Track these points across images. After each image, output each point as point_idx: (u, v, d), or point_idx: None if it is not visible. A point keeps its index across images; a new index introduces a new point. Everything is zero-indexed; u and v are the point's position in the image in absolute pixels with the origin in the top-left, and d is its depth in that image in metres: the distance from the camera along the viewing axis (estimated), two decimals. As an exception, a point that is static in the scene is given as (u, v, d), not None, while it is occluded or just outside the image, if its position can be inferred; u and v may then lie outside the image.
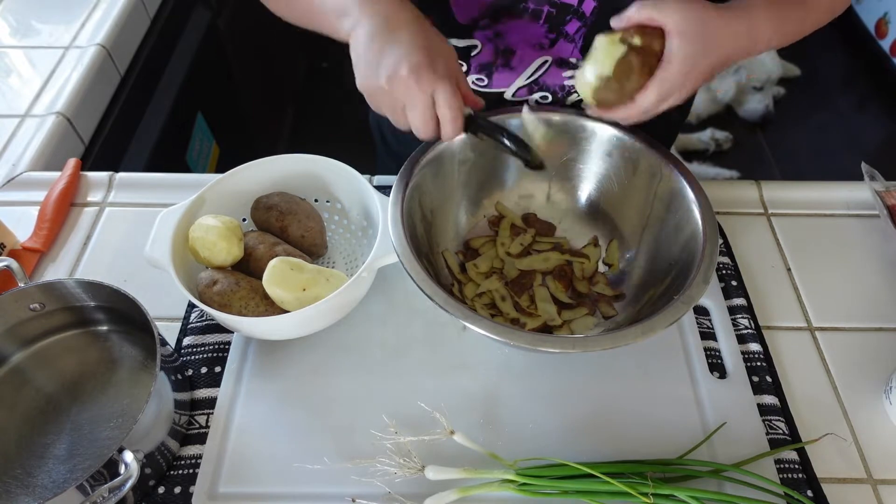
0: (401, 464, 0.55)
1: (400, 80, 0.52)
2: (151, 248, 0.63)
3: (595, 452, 0.59)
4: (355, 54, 0.55)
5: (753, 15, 0.58)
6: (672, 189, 0.65)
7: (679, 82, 0.55)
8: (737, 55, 0.57)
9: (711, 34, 0.55)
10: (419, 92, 0.52)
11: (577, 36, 0.68)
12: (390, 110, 0.55)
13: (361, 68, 0.54)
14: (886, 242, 0.76)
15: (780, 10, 0.60)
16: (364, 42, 0.54)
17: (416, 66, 0.51)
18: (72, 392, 0.61)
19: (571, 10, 0.66)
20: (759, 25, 0.58)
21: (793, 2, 0.61)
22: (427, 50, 0.52)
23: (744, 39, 0.57)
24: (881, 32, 2.28)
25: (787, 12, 0.60)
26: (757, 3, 0.59)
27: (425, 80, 0.52)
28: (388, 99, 0.54)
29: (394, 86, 0.52)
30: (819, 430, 0.61)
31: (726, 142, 2.11)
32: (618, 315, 0.68)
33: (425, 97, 0.52)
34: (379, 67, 0.52)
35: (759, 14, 0.58)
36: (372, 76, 0.53)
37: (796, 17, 0.62)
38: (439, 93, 0.52)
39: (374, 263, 0.61)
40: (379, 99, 0.55)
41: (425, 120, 0.54)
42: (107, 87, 1.04)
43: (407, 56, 0.51)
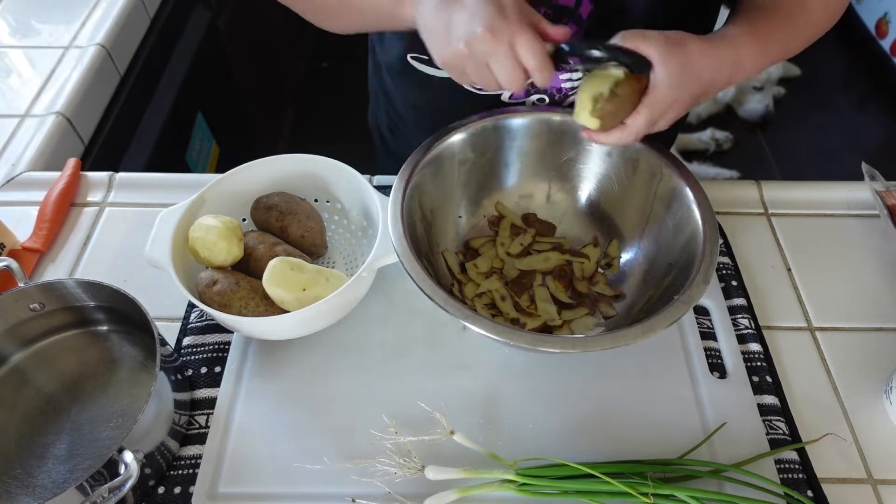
0: (401, 464, 0.55)
1: (477, 39, 0.51)
2: (151, 248, 0.63)
3: (595, 452, 0.59)
4: (426, 32, 0.54)
5: (737, 44, 0.59)
6: (672, 189, 0.65)
7: (665, 107, 0.56)
8: (721, 83, 0.58)
9: (695, 64, 0.55)
10: (499, 45, 0.51)
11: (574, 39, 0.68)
12: (476, 73, 0.54)
13: (437, 42, 0.54)
14: (886, 242, 0.76)
15: (763, 38, 0.61)
16: (431, 16, 0.53)
17: (489, 19, 0.50)
18: (72, 392, 0.61)
19: (568, 13, 0.65)
20: (743, 53, 0.59)
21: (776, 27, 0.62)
22: (493, 1, 0.52)
23: (727, 68, 0.58)
24: (881, 32, 2.28)
25: (771, 39, 0.61)
26: (740, 32, 0.60)
27: (501, 32, 0.51)
28: (471, 63, 0.53)
29: (473, 47, 0.52)
30: (819, 430, 0.61)
31: (726, 142, 2.11)
32: (618, 315, 0.68)
33: (506, 48, 0.51)
34: (453, 34, 0.52)
35: (742, 42, 0.59)
36: (449, 45, 0.53)
37: (780, 41, 0.63)
38: (519, 43, 0.51)
39: (374, 263, 0.61)
40: (463, 65, 0.54)
41: (512, 73, 0.53)
42: (107, 87, 1.04)
43: (477, 13, 0.51)
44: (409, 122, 0.88)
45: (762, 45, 0.60)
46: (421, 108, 0.84)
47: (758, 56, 0.60)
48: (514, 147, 0.72)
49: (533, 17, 0.54)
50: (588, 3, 0.64)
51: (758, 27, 0.61)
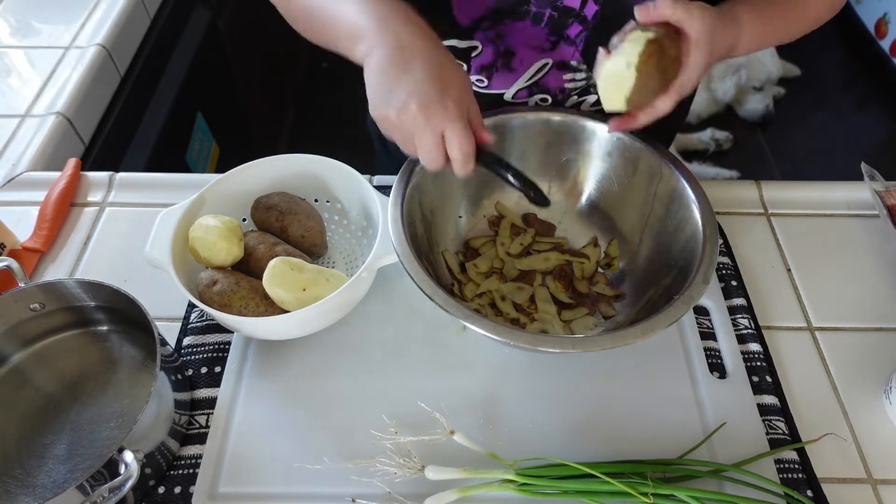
0: (401, 464, 0.55)
1: (409, 116, 0.51)
2: (151, 248, 0.63)
3: (595, 452, 0.59)
4: (368, 81, 0.54)
5: (741, 21, 0.61)
6: (672, 189, 0.65)
7: (689, 88, 0.58)
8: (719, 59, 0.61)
9: (716, 43, 0.57)
10: (428, 130, 0.51)
11: (579, 40, 0.68)
12: (400, 141, 0.54)
13: (373, 97, 0.53)
14: (886, 242, 0.76)
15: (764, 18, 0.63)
16: (377, 70, 0.53)
17: (427, 101, 0.50)
18: (72, 392, 0.61)
19: (573, 13, 0.66)
20: (744, 34, 0.61)
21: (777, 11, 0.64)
22: (439, 83, 0.51)
23: (730, 44, 0.60)
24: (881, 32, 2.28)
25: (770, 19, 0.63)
26: (742, 10, 0.61)
27: (435, 118, 0.51)
28: (398, 131, 0.53)
29: (403, 120, 0.51)
30: (819, 430, 0.61)
31: (726, 142, 2.11)
32: (618, 315, 0.68)
33: (435, 135, 0.52)
34: (390, 99, 0.52)
35: (745, 20, 0.61)
36: (383, 106, 0.52)
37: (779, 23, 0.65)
38: (449, 133, 0.52)
39: (374, 263, 0.61)
40: (389, 129, 0.54)
41: (434, 157, 0.53)
42: (107, 87, 1.04)
43: (418, 90, 0.50)
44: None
45: (761, 27, 0.62)
46: None
47: (756, 37, 0.62)
48: (514, 147, 0.72)
49: (472, 108, 0.54)
50: (593, 3, 0.64)
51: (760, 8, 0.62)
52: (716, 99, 2.22)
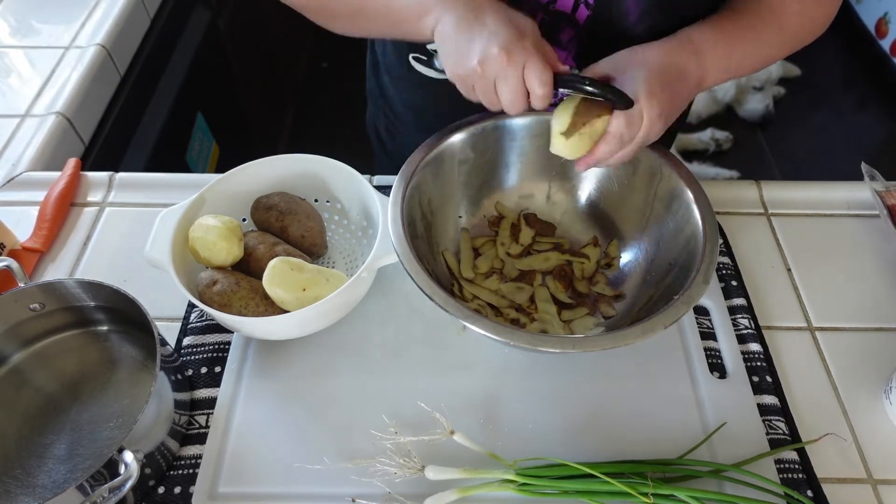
0: (401, 464, 0.55)
1: (492, 59, 0.53)
2: (151, 248, 0.63)
3: (595, 452, 0.59)
4: (444, 46, 0.57)
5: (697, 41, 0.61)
6: (672, 189, 0.65)
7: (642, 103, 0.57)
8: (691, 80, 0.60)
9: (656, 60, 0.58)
10: (511, 67, 0.53)
11: (571, 44, 0.68)
12: (483, 91, 0.56)
13: (452, 56, 0.56)
14: (886, 242, 0.76)
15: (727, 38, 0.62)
16: (451, 32, 0.56)
17: (507, 42, 0.53)
18: (72, 392, 0.61)
19: (565, 18, 0.65)
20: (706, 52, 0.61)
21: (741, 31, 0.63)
22: (513, 26, 0.54)
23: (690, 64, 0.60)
24: (881, 32, 2.28)
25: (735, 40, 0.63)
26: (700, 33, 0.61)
27: (516, 55, 0.53)
28: (481, 80, 0.55)
29: (486, 65, 0.54)
30: (819, 430, 0.61)
31: (726, 142, 2.11)
32: (618, 315, 0.68)
33: (517, 71, 0.54)
34: (470, 51, 0.54)
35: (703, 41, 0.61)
36: (464, 60, 0.55)
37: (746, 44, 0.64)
38: (530, 67, 0.53)
39: (374, 263, 0.61)
40: (472, 81, 0.56)
41: (516, 94, 0.55)
42: (107, 87, 1.04)
43: (496, 35, 0.53)
44: (406, 123, 0.88)
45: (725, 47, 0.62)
46: (419, 109, 0.84)
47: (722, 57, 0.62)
48: (514, 147, 0.72)
49: (546, 48, 0.56)
50: (585, 8, 0.64)
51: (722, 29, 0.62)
52: (716, 99, 2.22)
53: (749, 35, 0.64)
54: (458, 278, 0.70)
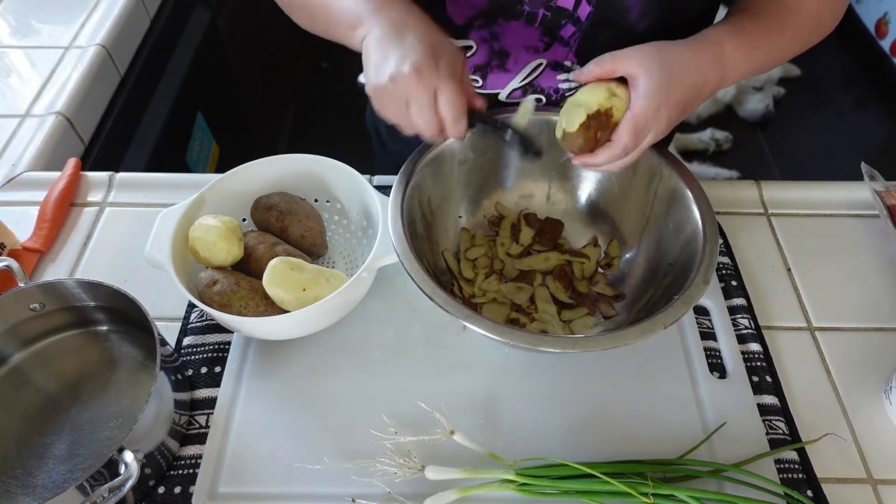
0: (401, 464, 0.55)
1: (403, 78, 0.52)
2: (151, 248, 0.63)
3: (595, 452, 0.59)
4: (365, 61, 0.56)
5: (721, 44, 0.59)
6: (672, 189, 0.65)
7: (651, 116, 0.55)
8: (709, 85, 0.58)
9: (675, 65, 0.56)
10: (421, 89, 0.52)
11: (572, 40, 0.68)
12: (396, 111, 0.55)
13: (370, 72, 0.55)
14: (886, 242, 0.76)
15: (748, 40, 0.61)
16: (373, 48, 0.55)
17: (419, 63, 0.52)
18: (72, 392, 0.61)
19: (567, 14, 0.66)
20: (728, 54, 0.59)
21: (763, 31, 0.62)
22: (431, 49, 0.53)
23: (712, 68, 0.58)
24: (881, 32, 2.28)
25: (756, 42, 0.61)
26: (723, 34, 0.60)
27: (427, 78, 0.52)
28: (392, 99, 0.54)
29: (397, 84, 0.52)
30: (819, 430, 0.61)
31: (726, 142, 2.11)
32: (618, 315, 0.68)
33: (428, 95, 0.53)
34: (384, 67, 0.53)
35: (726, 43, 0.59)
36: (377, 76, 0.54)
37: (766, 45, 0.62)
38: (442, 92, 0.53)
39: (374, 263, 0.61)
40: (385, 99, 0.55)
41: (429, 119, 0.54)
42: (107, 87, 1.04)
43: (410, 54, 0.52)
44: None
45: (747, 49, 0.60)
46: None
47: (743, 58, 0.60)
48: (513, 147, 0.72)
49: (464, 76, 0.55)
50: (587, 4, 0.64)
51: (743, 30, 0.61)
52: (716, 99, 2.22)
53: (769, 37, 0.63)
54: (458, 278, 0.70)
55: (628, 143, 0.56)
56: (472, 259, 0.71)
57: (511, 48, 0.70)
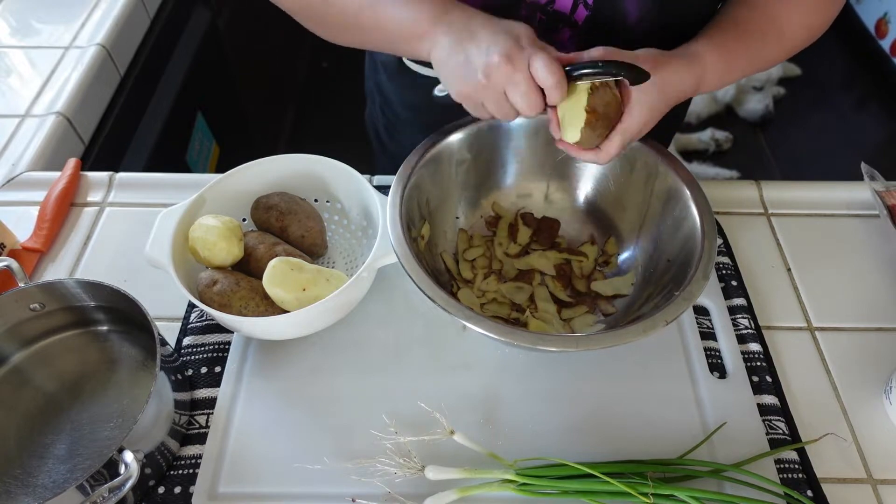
0: (401, 464, 0.55)
1: (495, 68, 0.53)
2: (151, 248, 0.63)
3: (595, 452, 0.59)
4: (443, 70, 0.56)
5: (703, 59, 0.60)
6: (669, 187, 0.65)
7: (639, 130, 0.58)
8: (683, 97, 0.61)
9: (665, 84, 0.57)
10: (516, 70, 0.53)
11: (570, 45, 0.68)
12: (494, 102, 0.56)
13: (454, 78, 0.56)
14: (886, 242, 0.76)
15: (728, 55, 0.62)
16: (448, 55, 0.55)
17: (506, 50, 0.52)
18: (72, 392, 0.61)
19: (564, 18, 0.65)
20: (707, 69, 0.61)
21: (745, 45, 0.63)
22: (507, 33, 0.54)
23: (691, 82, 0.60)
24: (881, 32, 2.28)
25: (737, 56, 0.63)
26: (705, 49, 0.61)
27: (518, 58, 0.52)
28: (489, 92, 0.55)
29: (492, 76, 0.53)
30: (819, 430, 0.61)
31: (726, 142, 2.11)
32: (617, 312, 0.68)
33: (524, 74, 0.53)
34: (469, 68, 0.54)
35: (707, 58, 0.61)
36: (467, 78, 0.54)
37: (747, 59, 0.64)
38: (536, 63, 0.53)
39: (374, 263, 0.61)
40: (481, 96, 0.55)
41: (529, 94, 0.54)
42: (107, 87, 1.04)
43: (492, 46, 0.53)
44: (405, 123, 0.88)
45: (727, 62, 0.62)
46: (417, 109, 0.84)
47: (722, 72, 0.62)
48: (511, 147, 0.72)
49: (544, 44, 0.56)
50: (583, 8, 0.64)
51: (725, 43, 0.62)
52: (716, 99, 2.22)
53: (750, 51, 0.64)
54: (457, 280, 0.70)
55: (615, 153, 0.58)
56: (470, 260, 0.71)
57: None
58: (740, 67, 0.63)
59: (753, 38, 0.64)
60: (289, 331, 0.64)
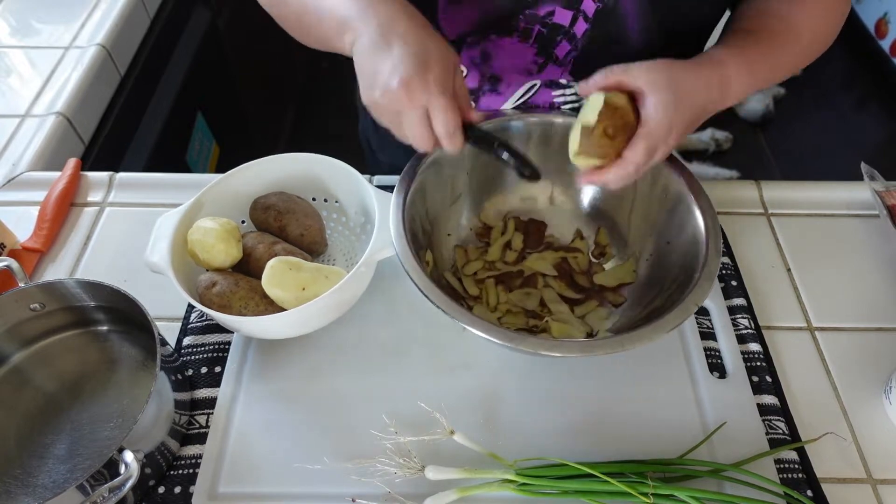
0: (401, 464, 0.55)
1: (392, 94, 0.50)
2: (151, 253, 0.63)
3: (595, 452, 0.59)
4: (357, 70, 0.54)
5: (724, 66, 0.58)
6: (673, 190, 0.65)
7: (663, 134, 0.54)
8: (711, 106, 0.57)
9: (683, 85, 0.54)
10: (411, 107, 0.50)
11: (567, 60, 0.67)
12: (390, 124, 0.54)
13: (361, 83, 0.53)
14: (886, 242, 0.76)
15: (750, 61, 0.60)
16: (362, 56, 0.52)
17: (407, 78, 0.49)
18: (72, 392, 0.61)
19: (562, 30, 0.65)
20: (730, 75, 0.58)
21: (764, 50, 0.61)
22: (420, 58, 0.50)
23: (715, 90, 0.57)
24: (881, 32, 2.28)
25: (758, 62, 0.61)
26: (726, 56, 0.59)
27: (417, 94, 0.50)
28: (386, 113, 0.53)
29: (387, 100, 0.51)
30: (819, 430, 0.61)
31: (726, 142, 2.11)
32: (627, 301, 0.68)
33: (418, 111, 0.51)
34: (375, 81, 0.51)
35: (729, 64, 0.58)
36: (368, 90, 0.52)
37: (768, 64, 0.62)
38: (433, 109, 0.51)
39: (372, 258, 0.61)
40: (379, 113, 0.54)
41: (421, 135, 0.52)
42: (107, 87, 1.04)
43: (397, 68, 0.49)
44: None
45: (749, 68, 0.59)
46: None
47: (745, 78, 0.59)
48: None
49: (458, 83, 0.53)
50: (583, 21, 0.63)
51: (745, 50, 0.60)
52: (716, 99, 2.22)
53: (769, 58, 0.62)
54: (465, 299, 0.69)
55: (640, 161, 0.54)
56: (471, 274, 0.71)
57: (503, 72, 0.69)
58: (763, 73, 0.61)
59: (772, 45, 0.62)
60: (288, 329, 0.64)
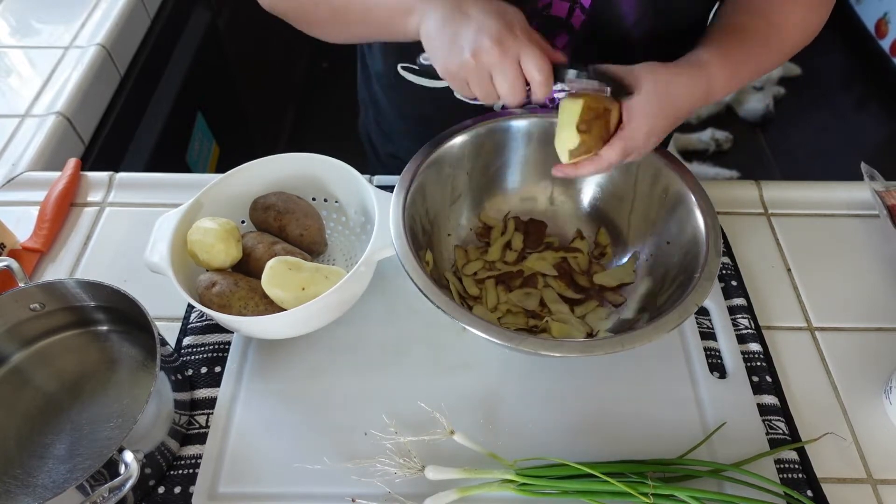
0: (401, 464, 0.55)
1: (484, 51, 0.52)
2: (151, 254, 0.63)
3: (595, 452, 0.59)
4: (431, 43, 0.55)
5: (709, 69, 0.59)
6: (673, 190, 0.65)
7: (641, 139, 0.57)
8: (693, 108, 0.60)
9: (668, 89, 0.56)
10: (506, 57, 0.52)
11: (566, 52, 0.67)
12: (478, 84, 0.55)
13: (441, 53, 0.55)
14: (886, 242, 0.76)
15: (734, 62, 0.61)
16: (437, 29, 0.54)
17: (498, 34, 0.52)
18: (72, 392, 0.61)
19: (560, 23, 0.65)
20: (714, 78, 0.60)
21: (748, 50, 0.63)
22: (502, 17, 0.53)
23: (699, 94, 0.59)
24: (881, 32, 2.28)
25: (742, 62, 0.62)
26: (710, 57, 0.60)
27: (509, 47, 0.52)
28: (475, 73, 0.54)
29: (480, 58, 0.52)
30: (819, 430, 0.61)
31: (726, 142, 2.11)
32: (627, 301, 0.68)
33: (513, 63, 0.53)
34: (459, 46, 0.53)
35: (713, 65, 0.60)
36: (455, 55, 0.54)
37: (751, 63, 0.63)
38: (526, 57, 0.53)
39: (371, 258, 0.61)
40: (466, 75, 0.55)
41: (515, 84, 0.54)
42: (107, 87, 1.04)
43: (485, 27, 0.52)
44: (399, 132, 0.87)
45: (732, 69, 0.61)
46: (410, 119, 0.84)
47: (728, 80, 0.61)
48: (514, 150, 0.72)
49: (535, 36, 0.55)
50: (580, 13, 0.64)
51: (729, 51, 0.61)
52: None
53: (753, 55, 0.63)
54: (466, 299, 0.70)
55: (614, 160, 0.57)
56: (471, 274, 0.71)
57: None
58: (746, 72, 0.63)
59: (756, 43, 0.63)
60: (288, 329, 0.64)
